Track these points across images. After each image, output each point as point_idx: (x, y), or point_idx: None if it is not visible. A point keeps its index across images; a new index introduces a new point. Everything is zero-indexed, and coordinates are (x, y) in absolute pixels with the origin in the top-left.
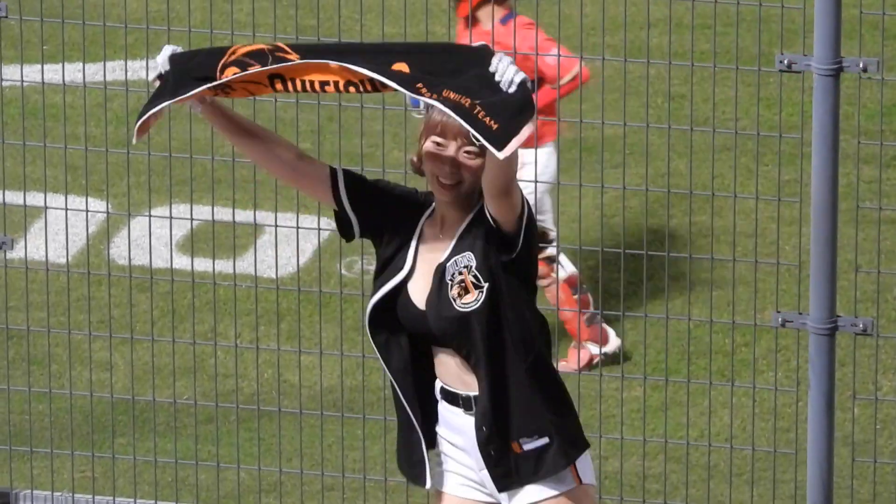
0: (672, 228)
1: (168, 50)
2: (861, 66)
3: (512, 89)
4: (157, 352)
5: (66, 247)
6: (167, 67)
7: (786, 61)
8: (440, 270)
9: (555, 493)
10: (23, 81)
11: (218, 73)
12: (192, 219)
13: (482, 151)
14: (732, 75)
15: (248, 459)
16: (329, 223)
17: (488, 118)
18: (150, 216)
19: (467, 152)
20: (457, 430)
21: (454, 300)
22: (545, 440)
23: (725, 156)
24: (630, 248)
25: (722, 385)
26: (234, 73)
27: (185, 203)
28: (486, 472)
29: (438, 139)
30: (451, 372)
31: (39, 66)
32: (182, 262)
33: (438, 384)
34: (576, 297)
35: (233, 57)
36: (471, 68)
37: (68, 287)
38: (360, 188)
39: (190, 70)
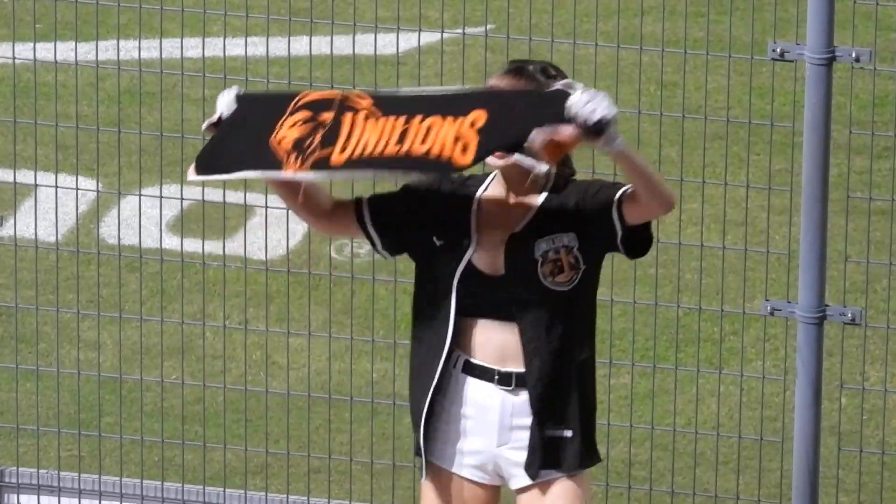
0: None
1: (232, 93)
2: (854, 55)
3: (588, 126)
4: (145, 332)
5: (55, 225)
6: (231, 110)
7: (778, 50)
8: (520, 243)
9: (559, 475)
10: (14, 59)
11: (278, 128)
12: (182, 199)
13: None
14: (725, 64)
15: (235, 440)
16: None
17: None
18: (140, 196)
19: None
20: (480, 405)
21: (544, 277)
22: (569, 433)
23: (717, 144)
24: None
25: (710, 373)
26: (294, 139)
27: (176, 183)
28: (504, 449)
29: None
30: (492, 346)
31: (31, 45)
32: (172, 242)
33: (461, 357)
34: None
35: (300, 103)
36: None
37: (57, 266)
38: (385, 213)
39: (254, 124)
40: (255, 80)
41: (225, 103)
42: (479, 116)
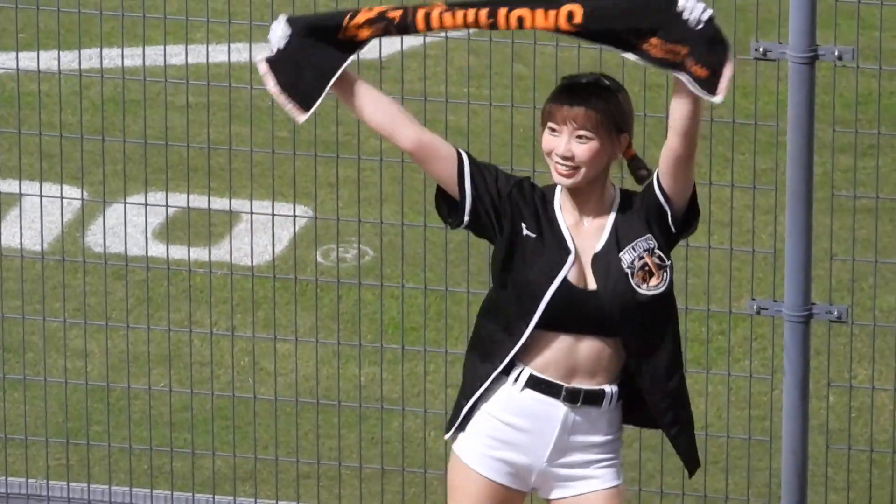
0: None
1: (281, 22)
2: (836, 54)
3: (700, 27)
4: (132, 340)
5: (41, 234)
6: (286, 39)
7: (761, 49)
8: (605, 259)
9: (615, 483)
10: None
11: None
12: (167, 206)
13: (594, 135)
14: None
15: (224, 447)
16: (306, 211)
17: (697, 66)
18: (125, 204)
19: (579, 137)
20: (538, 419)
21: (638, 286)
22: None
23: (701, 144)
24: None
25: (697, 373)
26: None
27: (161, 191)
28: (552, 466)
29: (553, 125)
30: (563, 361)
31: (14, 54)
32: (158, 249)
33: (524, 371)
34: None
35: (354, 23)
36: (652, 8)
37: (43, 275)
38: (482, 176)
39: (316, 42)
40: (238, 86)
41: (277, 36)
42: (574, 10)
